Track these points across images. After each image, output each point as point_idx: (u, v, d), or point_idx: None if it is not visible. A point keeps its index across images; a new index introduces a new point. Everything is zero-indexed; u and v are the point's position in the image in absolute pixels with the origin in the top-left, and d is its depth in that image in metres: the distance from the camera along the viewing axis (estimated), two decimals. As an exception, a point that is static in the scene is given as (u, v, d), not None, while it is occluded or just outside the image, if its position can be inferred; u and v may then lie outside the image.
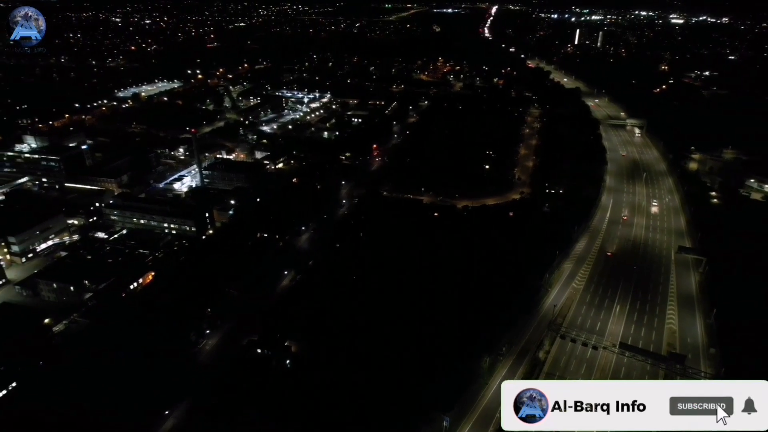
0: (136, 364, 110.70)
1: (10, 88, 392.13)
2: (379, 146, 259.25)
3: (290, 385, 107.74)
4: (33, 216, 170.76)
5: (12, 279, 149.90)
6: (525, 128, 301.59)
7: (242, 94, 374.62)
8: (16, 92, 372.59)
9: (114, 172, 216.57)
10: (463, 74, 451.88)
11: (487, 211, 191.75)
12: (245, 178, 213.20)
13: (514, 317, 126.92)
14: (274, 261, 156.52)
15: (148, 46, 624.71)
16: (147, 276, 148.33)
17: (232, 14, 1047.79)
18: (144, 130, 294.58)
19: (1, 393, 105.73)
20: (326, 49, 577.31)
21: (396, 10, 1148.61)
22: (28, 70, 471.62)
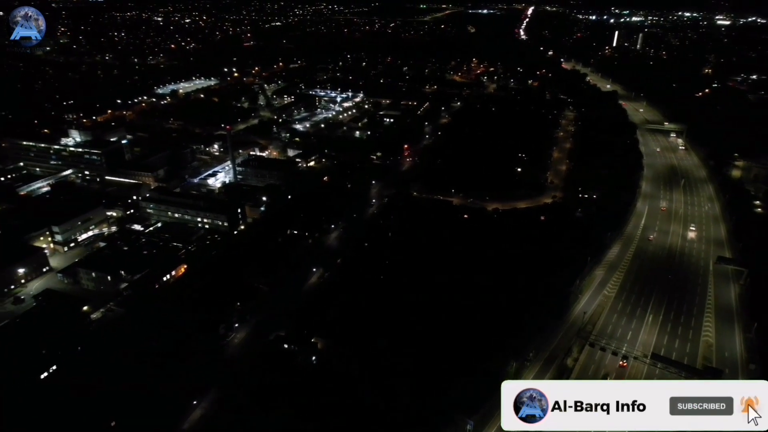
0: (167, 353, 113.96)
1: (58, 84, 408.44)
2: (410, 146, 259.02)
3: (315, 381, 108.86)
4: (75, 207, 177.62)
5: (55, 267, 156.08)
6: (559, 131, 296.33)
7: (277, 93, 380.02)
8: (64, 88, 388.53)
9: (151, 167, 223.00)
10: (497, 76, 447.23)
11: (517, 214, 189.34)
12: (277, 175, 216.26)
13: (542, 323, 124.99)
14: (304, 258, 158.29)
15: (187, 45, 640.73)
16: (180, 268, 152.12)
17: (269, 14, 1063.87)
18: (181, 126, 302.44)
19: (42, 375, 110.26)
20: (360, 49, 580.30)
21: (431, 11, 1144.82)
22: (76, 67, 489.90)
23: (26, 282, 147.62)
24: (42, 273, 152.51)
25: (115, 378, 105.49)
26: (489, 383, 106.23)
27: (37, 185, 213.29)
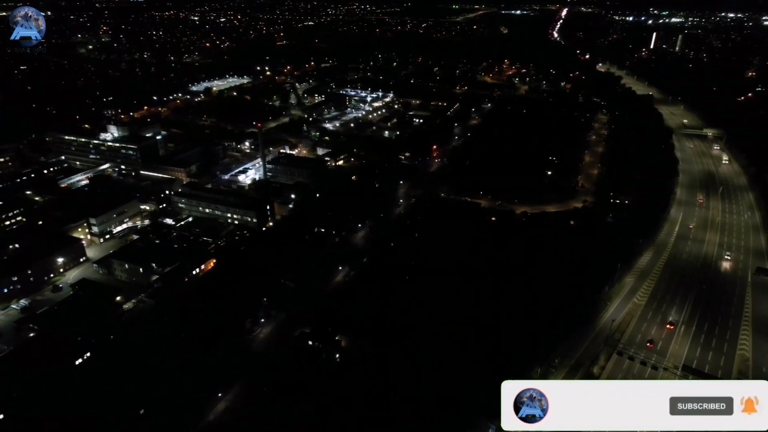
0: (194, 345, 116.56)
1: (99, 81, 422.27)
2: (439, 147, 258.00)
3: (338, 379, 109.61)
4: (111, 200, 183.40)
5: (91, 257, 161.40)
6: (591, 135, 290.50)
7: (308, 92, 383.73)
8: (105, 85, 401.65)
9: (184, 162, 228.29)
10: (528, 77, 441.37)
11: (546, 218, 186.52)
12: (306, 173, 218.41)
13: (569, 329, 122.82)
14: (330, 256, 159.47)
15: (221, 43, 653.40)
16: (209, 263, 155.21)
17: (302, 13, 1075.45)
18: (213, 123, 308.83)
19: (77, 361, 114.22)
20: (391, 49, 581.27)
21: (463, 11, 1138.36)
22: (116, 64, 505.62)
23: (64, 271, 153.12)
24: (79, 263, 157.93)
25: (145, 368, 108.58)
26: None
27: (77, 178, 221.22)
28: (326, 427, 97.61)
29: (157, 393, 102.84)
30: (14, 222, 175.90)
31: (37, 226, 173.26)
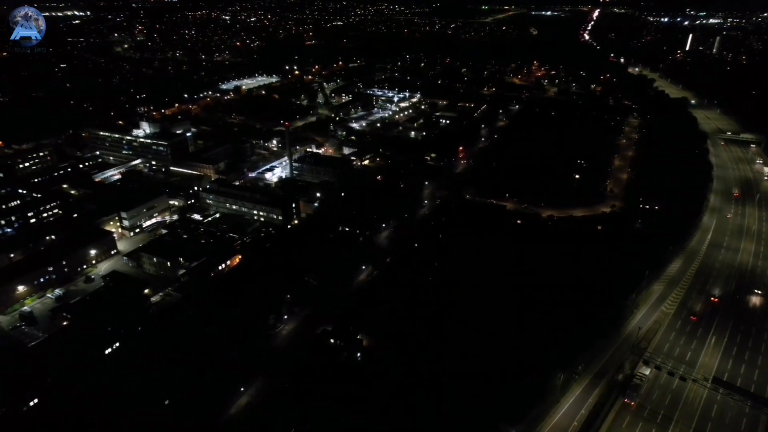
0: (219, 339, 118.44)
1: (133, 79, 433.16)
2: (465, 149, 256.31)
3: (358, 378, 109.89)
4: (142, 195, 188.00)
5: (121, 250, 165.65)
6: (621, 138, 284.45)
7: (335, 91, 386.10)
8: (138, 83, 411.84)
9: (212, 159, 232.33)
10: (558, 79, 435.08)
11: (573, 222, 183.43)
12: (332, 172, 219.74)
13: (593, 335, 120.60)
14: (354, 255, 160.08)
15: (251, 42, 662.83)
16: (234, 258, 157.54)
17: (331, 13, 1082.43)
18: (242, 121, 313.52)
19: (107, 350, 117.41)
20: (419, 49, 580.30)
21: (493, 12, 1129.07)
22: (149, 63, 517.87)
23: (96, 263, 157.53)
24: (110, 255, 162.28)
25: (170, 359, 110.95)
26: (534, 393, 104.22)
27: (110, 173, 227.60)
28: (345, 426, 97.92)
29: (181, 385, 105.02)
30: (51, 214, 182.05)
31: (72, 218, 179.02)
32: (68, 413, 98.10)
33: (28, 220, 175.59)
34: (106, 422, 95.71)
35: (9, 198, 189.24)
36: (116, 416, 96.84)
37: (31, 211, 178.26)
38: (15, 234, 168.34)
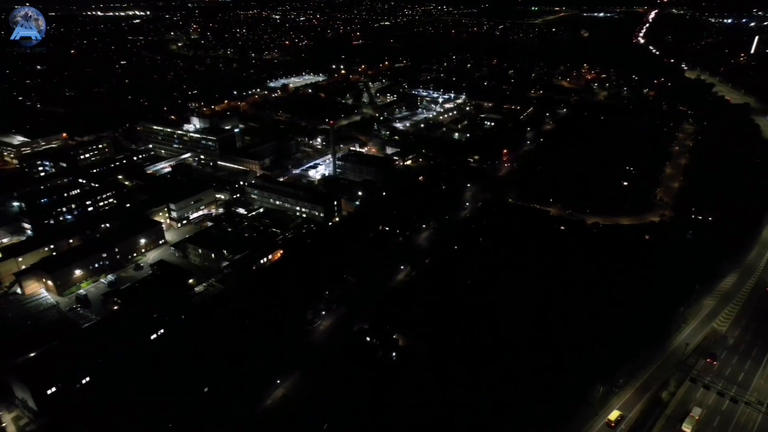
0: (258, 332, 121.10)
1: (186, 75, 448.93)
2: (509, 151, 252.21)
3: (392, 377, 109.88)
4: (190, 188, 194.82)
5: (169, 240, 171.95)
6: (675, 145, 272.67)
7: (380, 91, 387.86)
8: (191, 79, 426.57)
9: (258, 155, 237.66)
10: (608, 83, 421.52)
11: (619, 230, 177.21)
12: (374, 171, 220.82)
13: (637, 347, 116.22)
14: (393, 255, 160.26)
15: (300, 41, 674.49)
16: (276, 253, 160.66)
17: (379, 13, 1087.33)
18: (288, 119, 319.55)
19: (152, 336, 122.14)
20: (466, 50, 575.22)
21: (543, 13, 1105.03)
22: (202, 60, 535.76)
23: (145, 251, 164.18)
24: (158, 245, 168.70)
25: (211, 349, 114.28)
26: (571, 405, 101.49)
27: (161, 166, 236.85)
28: (378, 425, 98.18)
29: (220, 374, 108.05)
30: (107, 203, 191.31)
31: (125, 208, 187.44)
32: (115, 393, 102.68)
33: (86, 209, 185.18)
34: (149, 404, 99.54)
35: (70, 187, 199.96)
36: (158, 399, 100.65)
37: (89, 199, 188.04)
38: (74, 221, 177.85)
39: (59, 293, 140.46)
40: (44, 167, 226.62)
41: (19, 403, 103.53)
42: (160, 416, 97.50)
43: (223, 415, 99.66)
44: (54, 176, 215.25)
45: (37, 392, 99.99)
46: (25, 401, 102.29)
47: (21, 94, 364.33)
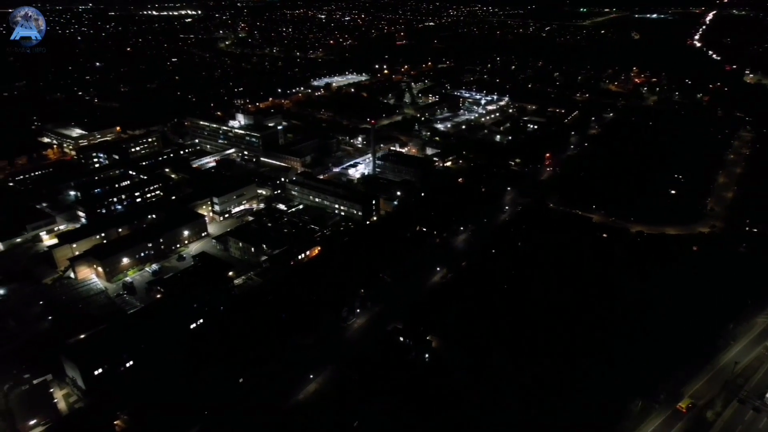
0: (294, 326, 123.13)
1: (233, 72, 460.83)
2: (552, 156, 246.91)
3: (424, 378, 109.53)
4: (233, 182, 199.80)
5: (211, 233, 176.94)
6: (729, 153, 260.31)
7: (422, 91, 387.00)
8: (237, 77, 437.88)
9: (300, 153, 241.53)
10: (659, 87, 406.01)
11: (665, 240, 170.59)
12: (414, 172, 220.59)
13: (680, 362, 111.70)
14: (429, 256, 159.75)
15: (344, 41, 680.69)
16: (314, 250, 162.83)
17: (424, 13, 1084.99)
18: (330, 117, 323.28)
19: (191, 325, 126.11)
20: (511, 52, 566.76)
21: (592, 15, 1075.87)
22: (248, 58, 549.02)
23: (188, 243, 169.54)
24: (201, 237, 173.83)
25: (247, 340, 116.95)
26: (608, 418, 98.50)
27: (206, 160, 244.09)
28: (408, 426, 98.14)
29: (255, 365, 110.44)
30: (154, 195, 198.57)
31: (170, 200, 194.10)
32: (154, 378, 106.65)
33: (135, 200, 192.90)
34: (185, 391, 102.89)
35: (121, 178, 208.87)
36: (194, 387, 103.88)
37: (138, 191, 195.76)
38: (124, 211, 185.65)
39: (108, 279, 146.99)
40: (99, 159, 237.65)
41: (70, 381, 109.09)
42: (196, 403, 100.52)
43: (255, 406, 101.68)
44: (107, 168, 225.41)
45: (86, 372, 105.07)
46: (74, 380, 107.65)
47: (81, 89, 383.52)
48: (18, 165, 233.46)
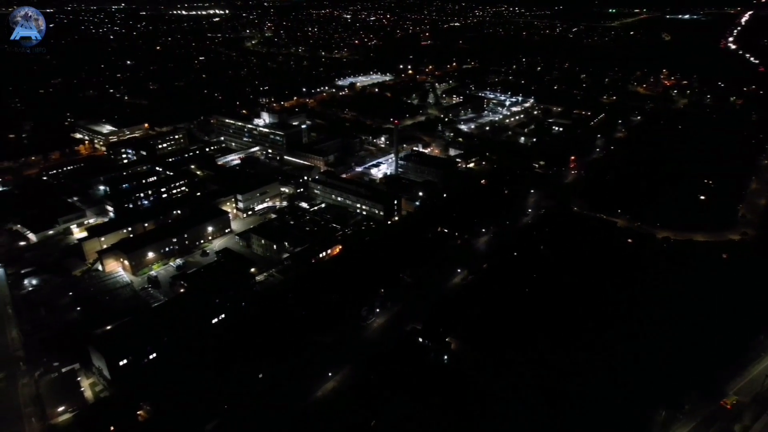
0: (313, 324, 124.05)
1: (259, 71, 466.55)
2: (577, 158, 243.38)
3: (442, 380, 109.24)
4: (256, 180, 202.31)
5: (234, 230, 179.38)
6: (764, 159, 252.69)
7: (446, 92, 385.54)
8: (263, 76, 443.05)
9: (323, 152, 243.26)
10: (690, 90, 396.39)
11: (693, 247, 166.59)
12: (436, 172, 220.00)
13: (708, 373, 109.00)
14: (450, 257, 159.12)
15: (369, 41, 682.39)
16: (335, 248, 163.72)
17: (449, 14, 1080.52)
18: (354, 117, 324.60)
19: (213, 320, 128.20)
20: (536, 53, 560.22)
21: (621, 16, 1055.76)
22: (274, 57, 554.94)
23: (212, 239, 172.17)
24: (224, 233, 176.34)
25: (267, 336, 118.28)
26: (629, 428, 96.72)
27: (231, 158, 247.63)
28: (425, 427, 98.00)
29: (275, 362, 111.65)
30: (179, 191, 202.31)
31: (195, 196, 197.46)
32: (176, 370, 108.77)
33: (161, 195, 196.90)
34: (206, 384, 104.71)
35: (148, 174, 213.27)
36: (214, 381, 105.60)
37: (164, 187, 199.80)
38: (150, 206, 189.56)
39: (133, 273, 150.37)
40: (127, 155, 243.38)
41: (96, 371, 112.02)
42: (216, 397, 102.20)
43: (274, 401, 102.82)
44: (135, 163, 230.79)
45: (112, 362, 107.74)
46: (100, 369, 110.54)
47: (113, 86, 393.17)
48: (52, 160, 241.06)
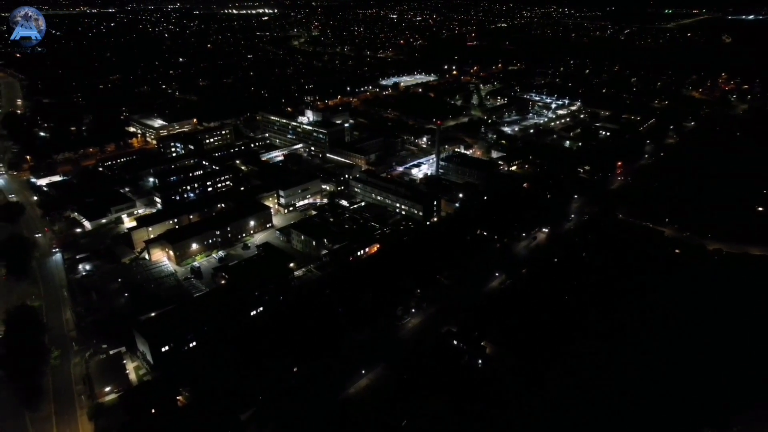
0: (349, 321, 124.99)
1: (305, 70, 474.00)
2: (624, 164, 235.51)
3: (475, 384, 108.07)
4: (299, 177, 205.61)
5: (275, 225, 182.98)
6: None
7: (491, 93, 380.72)
8: (309, 74, 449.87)
9: (365, 150, 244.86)
10: (750, 95, 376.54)
11: (747, 260, 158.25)
12: (477, 174, 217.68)
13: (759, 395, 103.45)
14: (489, 260, 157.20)
15: (414, 41, 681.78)
16: (373, 247, 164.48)
17: (496, 14, 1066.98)
18: (396, 117, 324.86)
19: (252, 312, 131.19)
20: (585, 55, 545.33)
21: (677, 17, 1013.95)
22: (320, 56, 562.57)
23: (254, 233, 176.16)
24: (266, 228, 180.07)
25: (304, 331, 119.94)
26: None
27: (275, 154, 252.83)
28: (455, 429, 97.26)
29: (310, 357, 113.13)
30: (224, 186, 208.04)
31: (239, 191, 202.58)
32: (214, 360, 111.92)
33: (206, 189, 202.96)
34: (242, 375, 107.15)
35: (195, 168, 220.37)
36: (250, 372, 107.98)
37: (209, 180, 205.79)
38: (196, 199, 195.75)
39: (177, 263, 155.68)
40: (176, 148, 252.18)
41: (140, 355, 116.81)
42: (251, 388, 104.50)
43: (307, 396, 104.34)
44: (183, 157, 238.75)
45: (155, 348, 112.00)
46: (144, 354, 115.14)
47: (165, 82, 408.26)
48: (107, 152, 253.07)
